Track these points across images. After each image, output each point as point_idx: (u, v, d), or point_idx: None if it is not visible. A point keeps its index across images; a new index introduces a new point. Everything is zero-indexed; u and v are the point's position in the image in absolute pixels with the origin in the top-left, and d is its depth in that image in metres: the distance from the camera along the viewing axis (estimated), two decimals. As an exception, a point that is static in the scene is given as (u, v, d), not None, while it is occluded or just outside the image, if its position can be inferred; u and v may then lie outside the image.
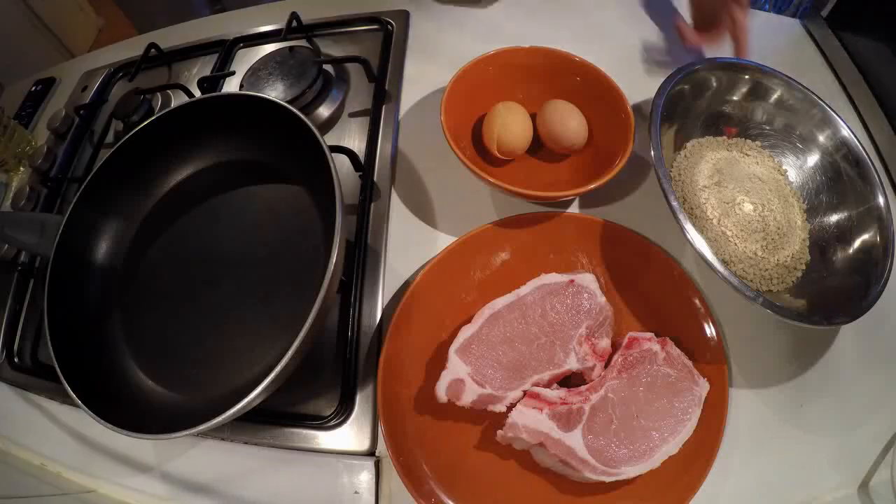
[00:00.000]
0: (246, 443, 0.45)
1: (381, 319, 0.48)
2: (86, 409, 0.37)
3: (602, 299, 0.42)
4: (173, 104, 0.63)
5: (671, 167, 0.49)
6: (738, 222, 0.46)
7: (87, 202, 0.48)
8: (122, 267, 0.50)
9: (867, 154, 0.47)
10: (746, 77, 0.51)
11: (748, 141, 0.52)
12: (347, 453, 0.43)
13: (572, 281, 0.42)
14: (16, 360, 0.54)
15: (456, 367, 0.39)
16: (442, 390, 0.39)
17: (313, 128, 0.42)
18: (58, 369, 0.39)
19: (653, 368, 0.40)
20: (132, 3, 0.97)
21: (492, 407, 0.39)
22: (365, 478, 0.42)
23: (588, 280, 0.42)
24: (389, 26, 0.66)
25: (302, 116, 0.43)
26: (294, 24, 0.66)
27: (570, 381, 0.42)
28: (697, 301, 0.43)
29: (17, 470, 0.49)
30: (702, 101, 0.51)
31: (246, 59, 0.66)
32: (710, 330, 0.42)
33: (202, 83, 0.64)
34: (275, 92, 0.60)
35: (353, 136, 0.58)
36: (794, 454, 0.41)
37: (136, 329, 0.47)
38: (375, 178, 0.54)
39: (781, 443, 0.41)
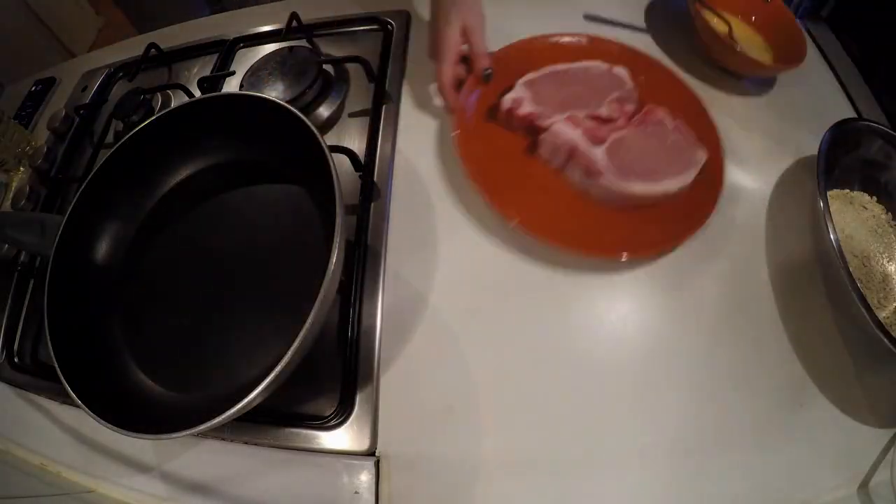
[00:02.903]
0: (246, 443, 0.45)
1: (381, 321, 0.48)
2: (86, 409, 0.37)
3: (631, 84, 0.54)
4: (173, 104, 0.63)
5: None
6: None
7: (87, 202, 0.48)
8: (122, 267, 0.50)
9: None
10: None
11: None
12: (347, 453, 0.43)
13: (611, 68, 0.55)
14: (16, 360, 0.54)
15: (520, 90, 0.54)
16: (506, 102, 0.53)
17: (313, 128, 0.42)
18: (58, 369, 0.39)
19: (665, 130, 0.52)
20: (132, 3, 0.97)
21: (539, 121, 0.52)
22: (365, 478, 0.42)
23: (622, 71, 0.55)
24: (389, 26, 0.66)
25: (302, 116, 0.43)
26: (294, 24, 0.66)
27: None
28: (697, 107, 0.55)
29: (17, 470, 0.49)
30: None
31: (246, 59, 0.66)
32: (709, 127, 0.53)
33: (202, 83, 0.64)
34: (275, 92, 0.60)
35: (353, 136, 0.58)
36: (794, 454, 0.41)
37: (136, 329, 0.47)
38: (375, 178, 0.54)
39: (781, 443, 0.41)
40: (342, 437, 0.43)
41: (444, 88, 0.55)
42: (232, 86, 0.65)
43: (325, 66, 0.62)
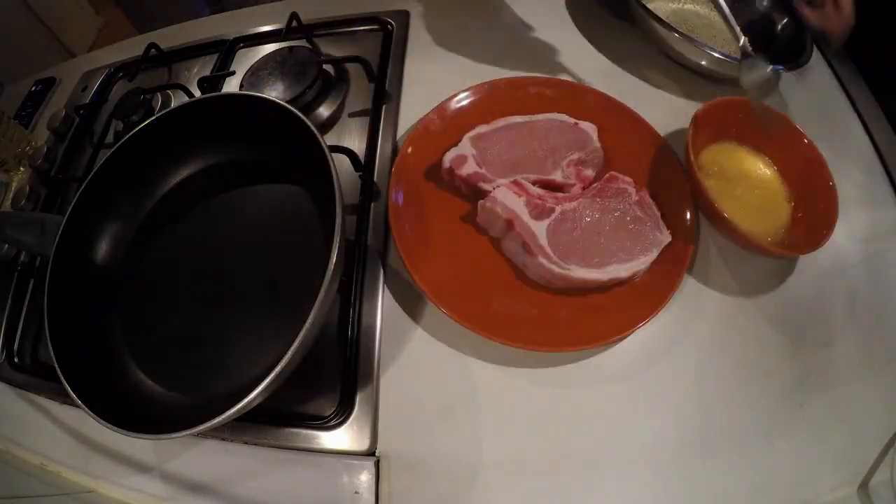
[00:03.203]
0: (246, 443, 0.45)
1: (381, 321, 0.48)
2: (86, 409, 0.37)
3: (597, 144, 0.49)
4: (173, 104, 0.63)
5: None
6: None
7: (87, 202, 0.48)
8: (122, 267, 0.50)
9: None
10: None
11: None
12: (347, 453, 0.43)
13: (577, 124, 0.49)
14: (16, 360, 0.54)
15: (465, 147, 0.48)
16: (448, 159, 0.47)
17: (313, 128, 0.42)
18: (58, 369, 0.39)
19: (624, 205, 0.46)
20: (132, 3, 0.97)
21: (482, 185, 0.47)
22: (365, 478, 0.42)
23: (590, 127, 0.49)
24: (389, 26, 0.66)
25: (302, 116, 0.43)
26: (294, 24, 0.66)
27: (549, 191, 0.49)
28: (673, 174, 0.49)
29: (17, 470, 0.49)
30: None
31: (246, 59, 0.66)
32: (687, 212, 0.47)
33: (202, 83, 0.64)
34: (275, 92, 0.60)
35: (353, 136, 0.58)
36: (794, 454, 0.41)
37: (136, 329, 0.47)
38: (375, 178, 0.54)
39: (781, 443, 0.41)
40: (342, 437, 0.43)
41: None
42: (232, 86, 0.65)
43: (325, 66, 0.62)
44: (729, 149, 0.52)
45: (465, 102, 0.54)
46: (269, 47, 0.67)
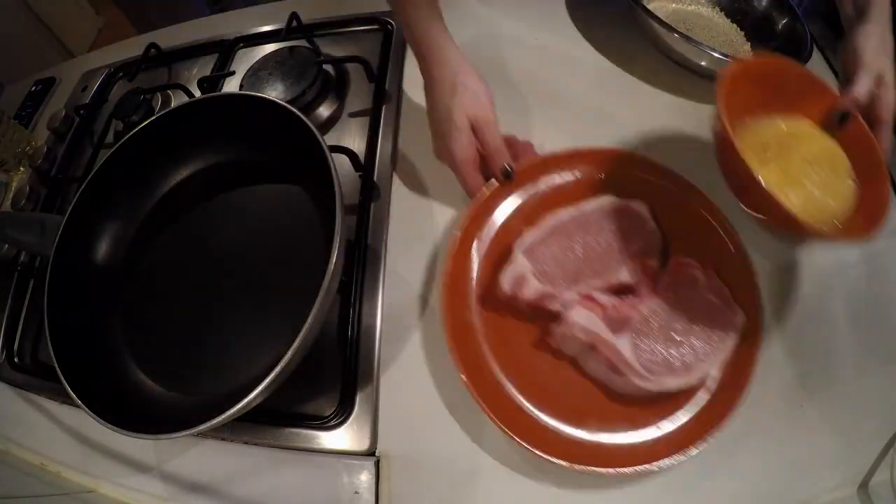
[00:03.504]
0: (246, 443, 0.45)
1: (381, 321, 0.48)
2: (86, 409, 0.37)
3: (653, 225, 0.45)
4: (173, 104, 0.63)
5: None
6: None
7: (87, 202, 0.48)
8: (122, 267, 0.50)
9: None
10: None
11: None
12: (347, 453, 0.43)
13: (629, 206, 0.45)
14: (16, 360, 0.54)
15: (520, 264, 0.42)
16: (506, 282, 0.41)
17: (313, 128, 0.42)
18: (58, 369, 0.39)
19: (695, 293, 0.42)
20: (132, 3, 0.97)
21: (549, 304, 0.41)
22: (365, 478, 0.42)
23: (642, 208, 0.45)
24: (389, 26, 0.66)
25: (302, 116, 0.43)
26: (294, 24, 0.66)
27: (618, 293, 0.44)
28: (732, 244, 0.44)
29: (17, 470, 0.49)
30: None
31: (246, 59, 0.66)
32: (746, 270, 0.43)
33: (202, 83, 0.64)
34: (275, 92, 0.60)
35: (353, 136, 0.58)
36: (793, 454, 0.41)
37: (136, 329, 0.47)
38: (375, 178, 0.54)
39: (782, 443, 0.41)
40: (342, 437, 0.43)
41: (475, 193, 0.46)
42: (232, 86, 0.65)
43: (325, 66, 0.62)
44: (772, 123, 0.46)
45: (504, 206, 0.48)
46: (269, 47, 0.67)
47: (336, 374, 0.45)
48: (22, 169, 0.68)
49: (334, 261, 0.36)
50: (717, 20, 0.63)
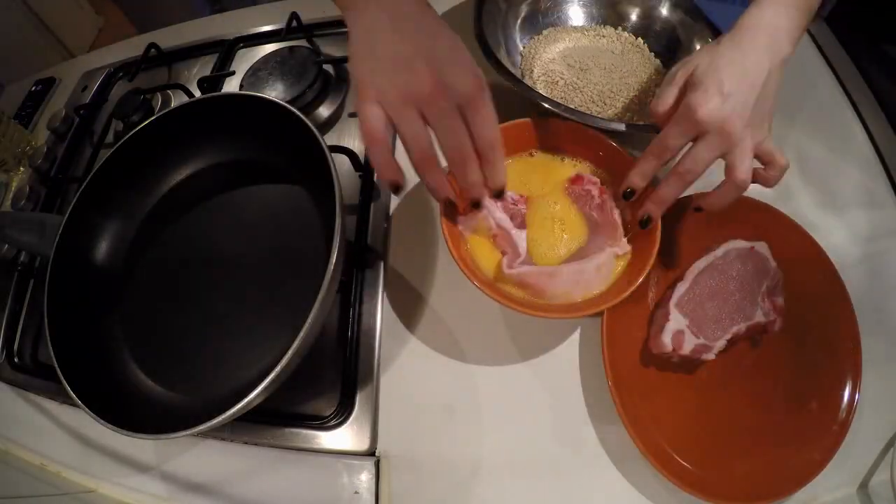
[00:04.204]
0: (246, 443, 0.45)
1: (381, 321, 0.48)
2: (86, 409, 0.37)
3: (774, 264, 0.45)
4: (173, 104, 0.63)
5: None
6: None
7: (87, 202, 0.48)
8: (122, 267, 0.50)
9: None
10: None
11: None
12: (347, 453, 0.43)
13: (753, 248, 0.45)
14: (16, 360, 0.54)
15: (677, 319, 0.43)
16: (668, 339, 0.42)
17: (313, 128, 0.42)
18: (58, 369, 0.39)
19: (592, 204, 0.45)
20: (132, 3, 0.97)
21: (704, 355, 0.42)
22: (365, 478, 0.42)
23: (764, 248, 0.46)
24: (389, 26, 0.66)
25: (302, 116, 0.43)
26: (294, 24, 0.66)
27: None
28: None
29: (17, 470, 0.49)
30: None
31: (246, 59, 0.66)
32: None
33: (202, 83, 0.64)
34: (275, 92, 0.60)
35: (353, 136, 0.58)
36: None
37: (136, 329, 0.47)
38: (375, 178, 0.54)
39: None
40: (342, 437, 0.43)
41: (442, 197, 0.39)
42: (232, 86, 0.65)
43: (325, 66, 0.62)
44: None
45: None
46: (269, 47, 0.67)
47: (336, 374, 0.45)
48: (22, 169, 0.68)
49: (334, 261, 0.36)
50: (618, 47, 0.58)
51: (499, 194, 0.39)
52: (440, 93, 0.32)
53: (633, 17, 0.59)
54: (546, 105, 0.46)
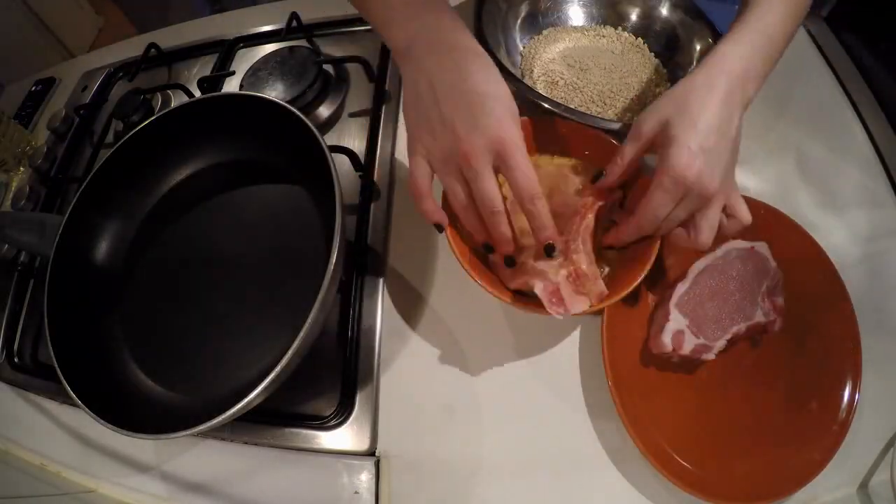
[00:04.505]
0: (246, 443, 0.45)
1: (381, 321, 0.48)
2: (86, 409, 0.37)
3: (774, 264, 0.45)
4: (173, 104, 0.63)
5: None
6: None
7: (87, 202, 0.48)
8: (122, 267, 0.50)
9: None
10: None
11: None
12: (347, 453, 0.43)
13: (753, 248, 0.45)
14: (16, 360, 0.54)
15: (677, 319, 0.42)
16: (668, 339, 0.42)
17: (313, 128, 0.42)
18: (58, 369, 0.39)
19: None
20: (132, 3, 0.97)
21: (704, 355, 0.42)
22: (365, 478, 0.42)
23: (764, 248, 0.45)
24: (389, 26, 0.66)
25: (302, 116, 0.43)
26: (294, 24, 0.66)
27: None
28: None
29: (17, 470, 0.49)
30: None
31: (246, 59, 0.66)
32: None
33: (202, 83, 0.64)
34: (275, 92, 0.60)
35: (353, 136, 0.58)
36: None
37: (136, 329, 0.47)
38: (375, 178, 0.54)
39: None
40: (342, 437, 0.43)
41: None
42: (232, 86, 0.65)
43: (325, 67, 0.62)
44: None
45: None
46: (269, 47, 0.67)
47: (336, 374, 0.45)
48: (22, 169, 0.68)
49: (334, 261, 0.36)
50: (618, 47, 0.58)
51: (548, 251, 0.37)
52: (473, 155, 0.34)
53: (634, 17, 0.59)
54: (546, 105, 0.46)
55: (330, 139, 0.58)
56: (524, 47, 0.58)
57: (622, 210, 0.44)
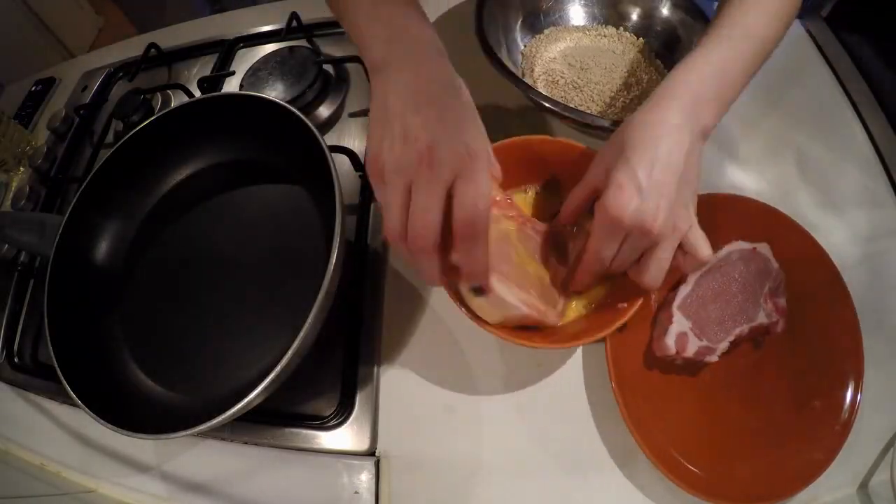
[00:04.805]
0: (246, 443, 0.45)
1: (381, 321, 0.48)
2: (86, 409, 0.37)
3: (776, 265, 0.45)
4: (173, 104, 0.63)
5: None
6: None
7: (87, 202, 0.48)
8: (122, 267, 0.50)
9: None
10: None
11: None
12: (347, 453, 0.43)
13: (755, 249, 0.45)
14: (16, 360, 0.54)
15: (680, 322, 0.42)
16: (671, 342, 0.41)
17: (313, 128, 0.42)
18: (58, 369, 0.39)
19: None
20: (132, 3, 0.97)
21: (707, 358, 0.42)
22: (365, 478, 0.42)
23: (766, 249, 0.45)
24: (389, 26, 0.66)
25: (302, 116, 0.43)
26: (294, 24, 0.66)
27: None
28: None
29: (17, 470, 0.49)
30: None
31: (246, 59, 0.66)
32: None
33: (202, 83, 0.64)
34: (275, 92, 0.60)
35: (353, 136, 0.58)
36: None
37: (136, 329, 0.47)
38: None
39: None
40: (342, 437, 0.43)
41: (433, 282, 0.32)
42: (232, 86, 0.65)
43: (325, 66, 0.62)
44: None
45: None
46: (269, 47, 0.67)
47: (336, 374, 0.45)
48: (22, 169, 0.68)
49: (334, 261, 0.36)
50: (619, 47, 0.57)
51: (477, 291, 0.34)
52: (427, 166, 0.29)
53: (634, 16, 0.59)
54: (546, 104, 0.46)
55: (330, 139, 0.58)
56: (525, 46, 0.58)
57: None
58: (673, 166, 0.32)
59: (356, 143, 0.57)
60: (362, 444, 0.43)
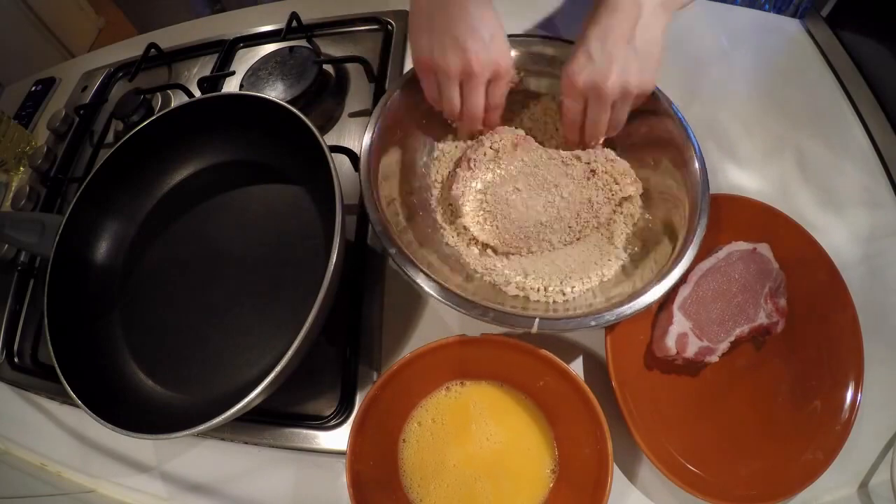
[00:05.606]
0: (246, 443, 0.45)
1: (381, 321, 0.48)
2: (86, 409, 0.37)
3: (776, 265, 0.45)
4: (173, 104, 0.63)
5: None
6: None
7: (87, 202, 0.48)
8: (122, 267, 0.50)
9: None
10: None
11: None
12: (347, 453, 0.43)
13: (755, 249, 0.45)
14: (16, 360, 0.54)
15: (681, 322, 0.42)
16: (672, 343, 0.42)
17: (313, 128, 0.42)
18: (58, 369, 0.39)
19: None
20: (132, 3, 0.97)
21: (708, 358, 0.42)
22: (365, 478, 0.42)
23: (766, 249, 0.46)
24: (389, 26, 0.66)
25: (302, 116, 0.43)
26: (294, 24, 0.66)
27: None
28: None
29: (17, 470, 0.49)
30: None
31: (246, 59, 0.66)
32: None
33: (202, 83, 0.64)
34: (275, 92, 0.60)
35: (353, 136, 0.58)
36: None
37: (136, 329, 0.47)
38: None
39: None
40: (342, 437, 0.43)
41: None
42: (232, 86, 0.65)
43: (325, 67, 0.62)
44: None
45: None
46: (269, 47, 0.67)
47: (336, 374, 0.45)
48: (22, 169, 0.68)
49: (334, 261, 0.36)
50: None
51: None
52: (478, 74, 0.40)
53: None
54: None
55: (330, 139, 0.58)
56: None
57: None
58: (620, 33, 0.38)
59: (356, 143, 0.57)
60: (362, 444, 0.43)
